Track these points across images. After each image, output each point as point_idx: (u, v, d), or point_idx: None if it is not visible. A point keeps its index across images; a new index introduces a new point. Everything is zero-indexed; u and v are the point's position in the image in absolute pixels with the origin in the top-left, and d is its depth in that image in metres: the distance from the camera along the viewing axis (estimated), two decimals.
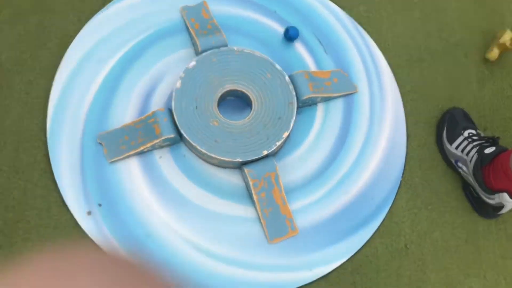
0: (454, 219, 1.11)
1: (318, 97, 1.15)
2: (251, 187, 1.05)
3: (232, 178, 1.09)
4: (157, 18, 1.22)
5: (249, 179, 1.05)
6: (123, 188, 1.06)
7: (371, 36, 1.27)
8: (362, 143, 1.16)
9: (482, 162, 1.03)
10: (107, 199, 1.05)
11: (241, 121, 1.09)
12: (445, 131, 1.16)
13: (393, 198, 1.11)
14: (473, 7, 1.34)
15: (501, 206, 1.03)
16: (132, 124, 1.09)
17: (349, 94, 1.20)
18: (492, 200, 1.03)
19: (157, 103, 1.13)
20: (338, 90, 1.18)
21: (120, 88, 1.14)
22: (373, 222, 1.09)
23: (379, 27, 1.29)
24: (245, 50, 1.14)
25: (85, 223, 1.03)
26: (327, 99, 1.18)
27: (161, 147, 1.09)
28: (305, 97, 1.12)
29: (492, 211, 1.07)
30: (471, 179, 1.08)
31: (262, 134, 1.08)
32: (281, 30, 1.24)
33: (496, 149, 1.03)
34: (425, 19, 1.31)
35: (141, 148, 1.06)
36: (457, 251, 1.09)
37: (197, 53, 1.17)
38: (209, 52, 1.13)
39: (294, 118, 1.10)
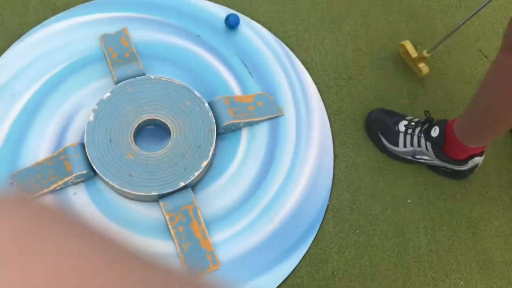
0: (383, 243, 1.08)
1: (240, 122, 1.11)
2: (168, 221, 1.01)
3: (151, 212, 1.06)
4: (75, 48, 1.18)
5: (164, 213, 1.01)
6: None
7: (298, 56, 1.24)
8: (288, 169, 1.12)
9: (439, 145, 1.05)
10: None
11: (159, 152, 1.05)
12: (382, 138, 1.14)
13: (320, 224, 1.08)
14: (404, 21, 1.32)
15: (476, 165, 1.08)
16: (44, 162, 1.05)
17: (274, 117, 1.16)
18: (467, 166, 1.08)
19: (72, 138, 1.09)
20: (262, 114, 1.15)
21: (35, 123, 1.10)
22: (299, 251, 1.06)
23: (307, 46, 1.26)
24: (162, 78, 1.11)
25: None
26: (251, 124, 1.15)
27: (75, 183, 1.05)
28: (225, 123, 1.09)
29: (467, 173, 1.11)
30: (437, 162, 1.09)
31: (180, 164, 1.04)
32: (205, 55, 1.21)
33: (439, 128, 1.05)
34: (354, 35, 1.28)
35: (53, 186, 1.02)
36: (387, 276, 1.05)
37: (115, 83, 1.13)
38: (124, 82, 1.10)
39: (213, 146, 1.06)
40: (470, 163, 1.07)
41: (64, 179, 1.02)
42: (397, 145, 1.12)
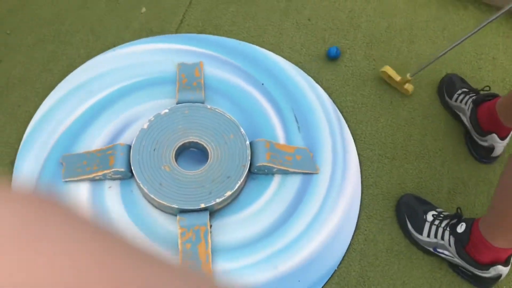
0: None
1: (274, 167, 1.16)
2: (179, 235, 1.06)
3: (168, 224, 1.11)
4: (155, 67, 1.33)
5: (178, 226, 1.07)
6: None
7: (349, 125, 1.29)
8: (307, 225, 1.14)
9: (462, 243, 1.03)
10: None
11: (192, 172, 1.13)
12: (408, 223, 1.13)
13: (321, 286, 1.07)
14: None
15: (499, 276, 1.03)
16: (94, 152, 1.17)
17: (309, 173, 1.20)
18: (488, 273, 1.03)
19: (125, 139, 1.20)
20: (298, 166, 1.19)
21: (99, 119, 1.24)
22: None
23: (361, 119, 1.30)
24: (217, 110, 1.21)
25: None
26: (285, 172, 1.19)
27: (113, 178, 1.15)
28: (258, 164, 1.15)
29: (491, 281, 1.06)
30: (458, 261, 1.06)
31: (207, 188, 1.11)
32: (263, 101, 1.30)
33: (465, 225, 1.04)
34: (410, 121, 1.31)
35: (93, 175, 1.13)
36: None
37: (176, 103, 1.25)
38: (184, 104, 1.21)
39: (241, 180, 1.12)
40: (492, 271, 1.02)
41: (104, 171, 1.12)
42: (421, 233, 1.10)
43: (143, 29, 1.42)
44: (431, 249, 1.10)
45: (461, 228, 1.04)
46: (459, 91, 1.29)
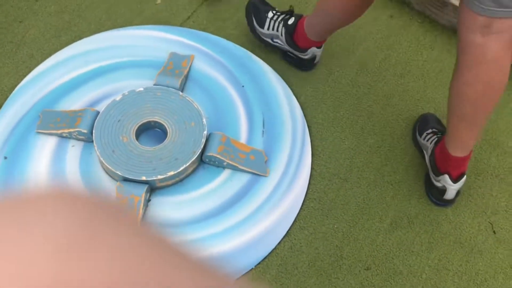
0: None
1: (224, 161, 1.22)
2: None
3: (112, 190, 1.19)
4: (150, 51, 1.43)
5: (115, 191, 1.14)
6: (30, 154, 1.23)
7: (313, 140, 1.31)
8: (238, 222, 1.17)
9: (290, 32, 1.36)
10: (14, 157, 1.23)
11: (146, 148, 1.21)
12: (253, 19, 1.41)
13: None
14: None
15: (313, 57, 1.39)
16: (68, 112, 1.28)
17: (258, 174, 1.24)
18: (305, 55, 1.38)
19: (99, 107, 1.31)
20: (249, 166, 1.24)
21: (85, 86, 1.35)
22: None
23: (326, 137, 1.33)
24: (187, 98, 1.28)
25: None
26: (235, 168, 1.24)
27: (77, 138, 1.25)
28: (209, 153, 1.20)
29: (308, 64, 1.41)
30: (287, 47, 1.40)
31: (153, 164, 1.18)
32: (237, 101, 1.36)
33: (294, 19, 1.35)
34: (375, 150, 1.32)
35: (61, 131, 1.24)
36: None
37: (153, 85, 1.34)
38: (159, 86, 1.30)
39: (187, 164, 1.18)
40: (310, 52, 1.36)
41: (70, 129, 1.23)
42: (263, 27, 1.39)
43: (152, 18, 1.53)
44: (270, 40, 1.41)
45: (291, 21, 1.35)
46: (429, 130, 1.28)
